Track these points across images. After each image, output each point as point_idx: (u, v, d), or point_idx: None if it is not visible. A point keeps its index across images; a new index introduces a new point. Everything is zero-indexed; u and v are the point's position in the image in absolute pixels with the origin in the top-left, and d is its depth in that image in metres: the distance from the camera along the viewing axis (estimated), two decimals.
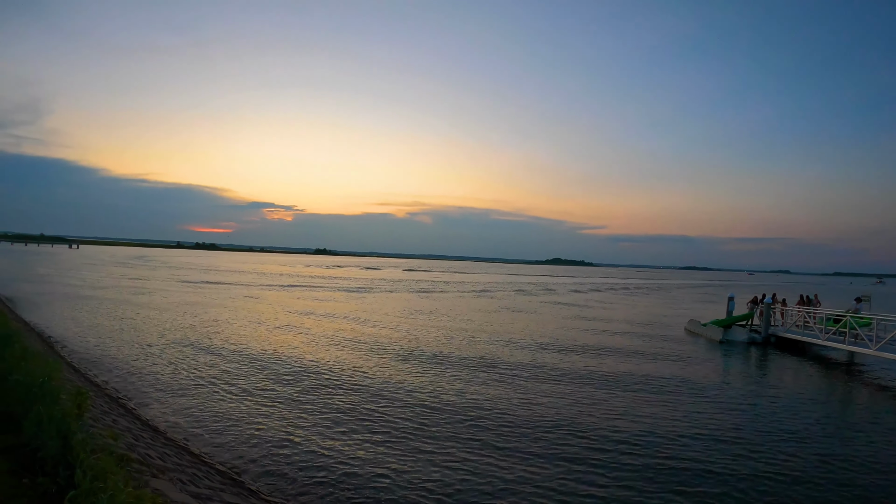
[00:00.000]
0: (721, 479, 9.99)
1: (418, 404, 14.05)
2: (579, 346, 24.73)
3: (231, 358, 18.75)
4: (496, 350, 22.57)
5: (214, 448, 10.25)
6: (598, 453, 11.05)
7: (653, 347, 25.48)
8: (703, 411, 14.59)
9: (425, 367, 18.59)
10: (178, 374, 16.20)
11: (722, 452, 11.44)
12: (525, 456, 10.73)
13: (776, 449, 11.81)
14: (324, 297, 46.59)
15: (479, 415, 13.32)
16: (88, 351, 18.68)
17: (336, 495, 8.52)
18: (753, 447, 11.87)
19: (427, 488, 8.98)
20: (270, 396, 14.19)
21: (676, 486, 9.64)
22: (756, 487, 9.71)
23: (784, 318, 29.18)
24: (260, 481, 8.79)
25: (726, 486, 9.68)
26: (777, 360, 23.86)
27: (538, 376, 17.90)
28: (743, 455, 11.34)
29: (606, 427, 12.79)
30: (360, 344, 22.77)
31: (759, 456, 11.30)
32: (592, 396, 15.69)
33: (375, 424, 12.26)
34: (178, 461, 7.56)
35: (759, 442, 12.25)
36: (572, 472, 10.03)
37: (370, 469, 9.64)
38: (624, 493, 9.24)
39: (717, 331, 29.02)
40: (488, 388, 16.05)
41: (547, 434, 12.10)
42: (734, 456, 11.28)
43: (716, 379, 19.01)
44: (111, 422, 8.45)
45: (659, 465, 10.64)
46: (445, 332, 27.24)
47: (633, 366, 20.46)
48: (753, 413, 14.79)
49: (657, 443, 11.88)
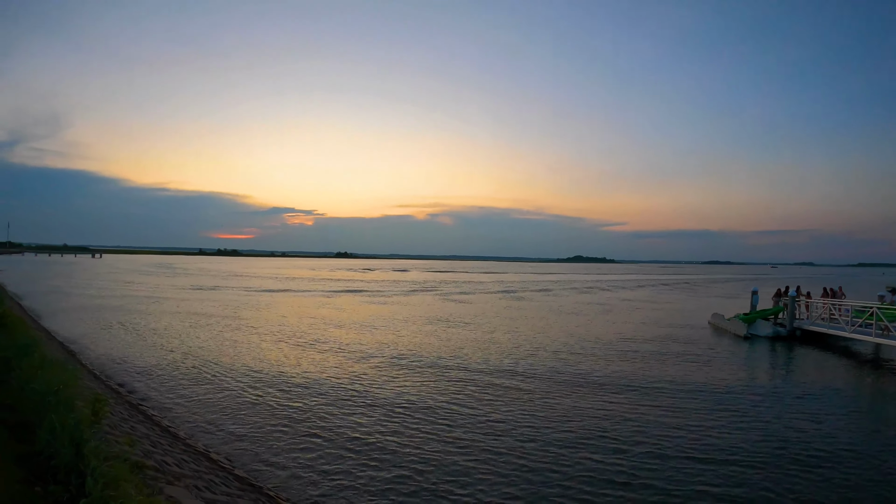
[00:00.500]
0: (749, 476, 9.72)
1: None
2: (604, 343, 24.45)
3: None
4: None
5: (235, 454, 10.19)
6: (632, 446, 10.87)
7: (676, 343, 25.09)
8: (728, 407, 14.27)
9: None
10: (201, 380, 16.19)
11: (749, 448, 11.16)
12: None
13: (805, 444, 11.49)
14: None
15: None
16: (110, 358, 18.80)
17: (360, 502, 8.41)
18: (780, 442, 11.58)
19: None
20: (298, 404, 14.14)
21: (701, 484, 9.40)
22: (783, 483, 9.45)
23: (809, 311, 28.66)
24: (280, 486, 8.70)
25: (755, 484, 9.42)
26: (803, 353, 23.41)
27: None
28: (769, 451, 11.06)
29: (630, 424, 12.57)
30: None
31: (786, 452, 11.01)
32: (618, 391, 15.50)
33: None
34: (196, 467, 7.48)
35: (786, 437, 11.93)
36: (593, 465, 9.84)
37: (396, 475, 9.52)
38: (648, 483, 9.04)
39: (741, 325, 28.53)
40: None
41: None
42: (760, 451, 11.00)
43: (741, 374, 18.66)
44: (129, 428, 8.40)
45: (681, 458, 10.46)
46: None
47: (656, 361, 20.18)
48: (779, 408, 14.43)
49: (681, 437, 11.66)
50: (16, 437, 6.38)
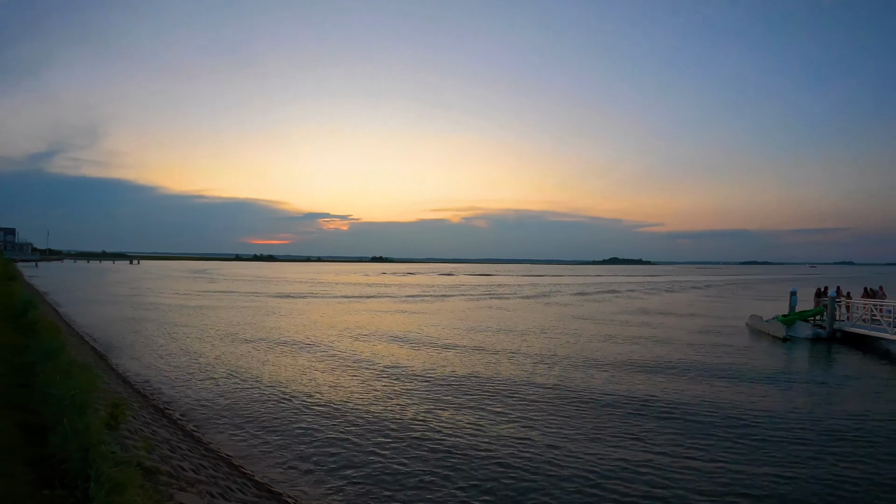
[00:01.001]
0: (786, 481, 9.33)
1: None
2: (639, 343, 23.98)
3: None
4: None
5: (257, 459, 10.12)
6: (657, 445, 10.52)
7: (714, 345, 24.50)
8: (767, 410, 13.78)
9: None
10: (232, 384, 16.23)
11: (788, 453, 10.74)
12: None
13: (844, 449, 11.00)
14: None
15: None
16: (142, 362, 19.01)
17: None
18: (820, 447, 11.12)
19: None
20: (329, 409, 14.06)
21: (743, 488, 9.06)
22: (824, 490, 9.02)
23: (850, 312, 27.74)
24: (301, 493, 8.57)
25: (792, 488, 9.03)
26: (843, 356, 22.61)
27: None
28: (809, 456, 10.63)
29: (669, 420, 12.20)
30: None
31: (827, 457, 10.55)
32: (656, 393, 15.11)
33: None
34: (214, 473, 7.37)
35: (825, 442, 11.43)
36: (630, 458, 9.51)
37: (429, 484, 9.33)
38: (690, 484, 8.70)
39: (779, 327, 27.73)
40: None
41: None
42: (799, 456, 10.57)
43: (779, 376, 18.05)
44: (150, 433, 8.35)
45: (719, 458, 10.11)
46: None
47: (695, 364, 19.68)
48: (819, 412, 13.87)
49: (718, 438, 11.32)
50: (33, 441, 6.37)
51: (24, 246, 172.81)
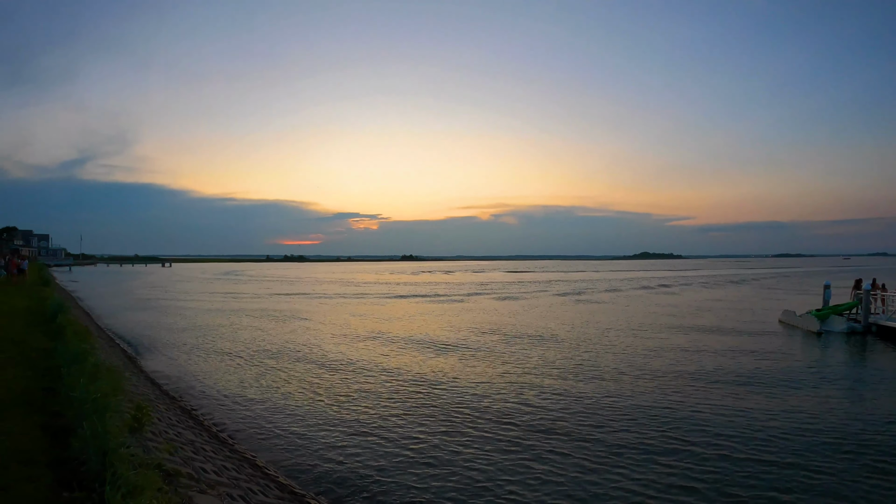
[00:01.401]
0: (820, 479, 9.11)
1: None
2: (670, 341, 23.58)
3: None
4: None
5: (283, 462, 10.09)
6: (689, 446, 10.28)
7: (747, 341, 24.02)
8: (798, 408, 13.41)
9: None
10: (263, 384, 16.33)
11: (821, 450, 10.48)
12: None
13: (878, 447, 10.66)
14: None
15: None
16: (172, 363, 19.24)
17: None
18: (852, 443, 10.84)
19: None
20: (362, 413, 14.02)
21: (771, 485, 8.87)
22: (857, 487, 8.78)
23: (885, 306, 26.98)
24: (325, 496, 8.52)
25: (825, 486, 8.84)
26: (879, 351, 21.99)
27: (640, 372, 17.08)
28: (841, 452, 10.38)
29: (701, 420, 11.93)
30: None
31: (859, 454, 10.26)
32: (688, 392, 14.87)
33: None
34: (237, 475, 7.34)
35: (860, 440, 11.10)
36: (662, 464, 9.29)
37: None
38: (718, 486, 8.47)
39: (813, 321, 27.08)
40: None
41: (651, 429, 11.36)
42: (833, 453, 10.31)
43: (813, 373, 17.58)
44: (175, 435, 8.35)
45: (751, 459, 9.94)
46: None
47: (727, 360, 19.30)
48: (852, 409, 13.48)
49: (749, 438, 11.07)
50: (56, 444, 6.40)
51: (57, 251, 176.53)
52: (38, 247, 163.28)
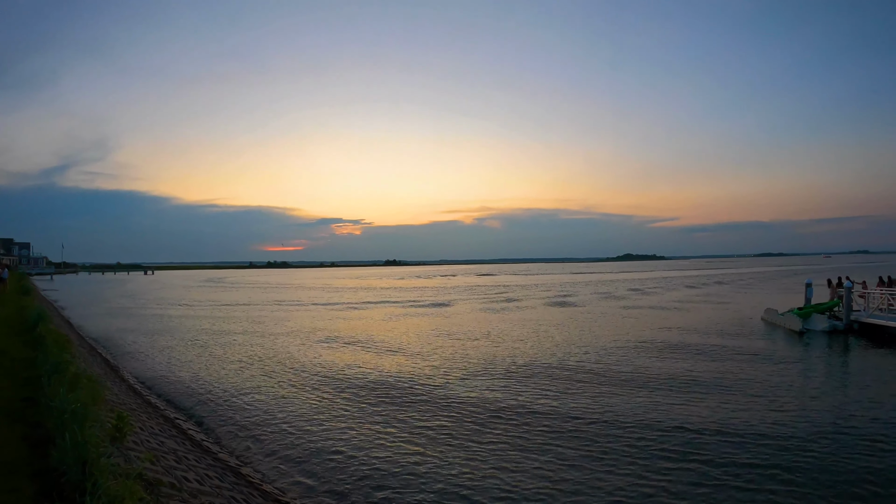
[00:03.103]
0: (797, 477, 9.23)
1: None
2: (653, 341, 23.73)
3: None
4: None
5: (267, 469, 10.06)
6: (671, 446, 10.37)
7: (729, 340, 24.23)
8: (779, 408, 13.56)
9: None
10: (246, 394, 16.20)
11: (799, 449, 10.59)
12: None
13: (855, 446, 10.78)
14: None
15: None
16: (154, 372, 19.08)
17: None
18: (832, 441, 10.99)
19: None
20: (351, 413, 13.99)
21: (747, 484, 9.00)
22: (836, 487, 8.88)
23: (867, 303, 27.28)
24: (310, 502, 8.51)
25: (801, 484, 8.95)
26: (860, 348, 22.21)
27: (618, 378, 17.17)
28: (818, 452, 10.47)
29: (681, 421, 12.02)
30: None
31: (836, 453, 10.40)
32: (668, 390, 14.98)
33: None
34: (219, 483, 7.30)
35: (837, 439, 11.22)
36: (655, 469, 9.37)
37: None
38: (692, 487, 8.54)
39: (795, 320, 27.35)
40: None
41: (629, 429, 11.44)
42: (810, 453, 10.41)
43: (795, 371, 17.81)
44: (157, 444, 8.30)
45: (728, 458, 10.08)
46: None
47: (709, 360, 19.48)
48: (832, 408, 13.59)
49: (729, 439, 11.13)
50: (37, 454, 6.35)
51: (38, 259, 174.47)
52: (19, 255, 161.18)
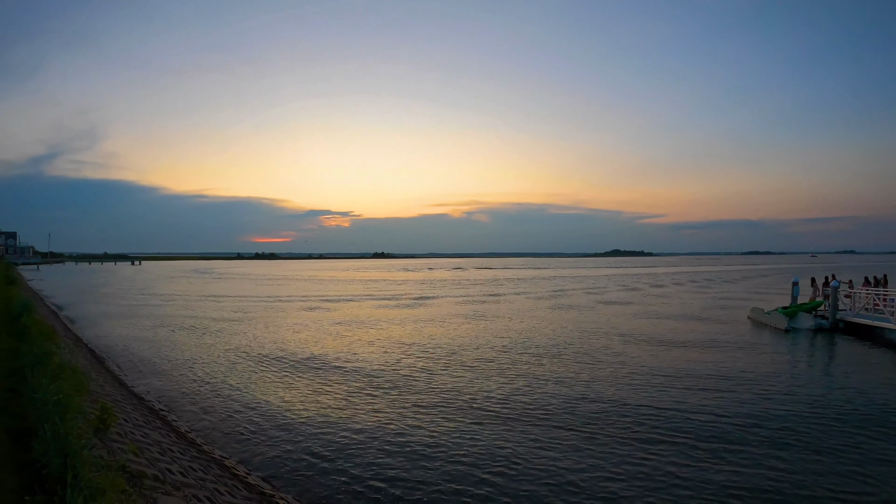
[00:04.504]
0: (783, 475, 9.31)
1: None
2: (640, 336, 23.83)
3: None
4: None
5: (253, 461, 10.05)
6: (649, 443, 10.44)
7: (715, 337, 24.38)
8: (763, 405, 13.68)
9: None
10: (231, 385, 16.14)
11: (782, 447, 10.71)
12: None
13: (836, 444, 10.91)
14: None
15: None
16: (139, 363, 18.95)
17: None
18: (813, 440, 11.09)
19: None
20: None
21: (733, 481, 9.05)
22: (816, 483, 9.00)
23: (853, 302, 27.53)
24: (294, 495, 8.49)
25: (786, 482, 9.02)
26: (846, 347, 22.47)
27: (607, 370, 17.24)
28: (802, 448, 10.64)
29: (667, 418, 12.11)
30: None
31: (819, 450, 10.53)
32: (653, 390, 15.02)
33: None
34: (203, 475, 7.27)
35: (819, 435, 11.38)
36: (643, 455, 9.42)
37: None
38: (682, 480, 8.61)
39: (781, 319, 27.58)
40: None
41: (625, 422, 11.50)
42: (793, 449, 10.55)
43: (781, 370, 17.94)
44: (141, 436, 8.25)
45: (711, 455, 10.15)
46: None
47: (694, 358, 19.56)
48: (816, 405, 13.72)
49: (711, 433, 11.26)
50: (21, 446, 6.29)
51: (25, 249, 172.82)
52: (6, 245, 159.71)
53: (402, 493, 8.65)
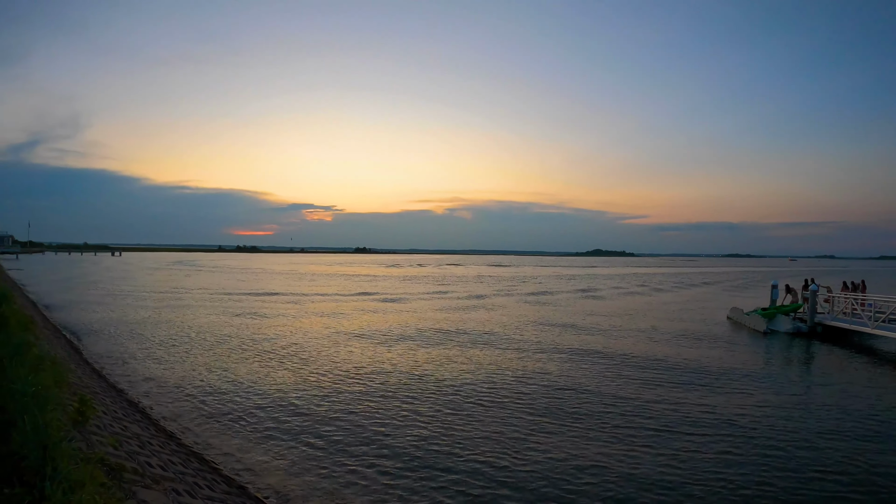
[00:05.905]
0: (755, 477, 9.46)
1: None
2: (617, 336, 24.03)
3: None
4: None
5: (229, 454, 10.03)
6: (637, 441, 10.56)
7: (693, 337, 24.70)
8: (739, 408, 13.89)
9: None
10: (211, 379, 16.08)
11: (756, 448, 10.89)
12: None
13: (810, 448, 11.07)
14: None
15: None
16: (119, 355, 18.77)
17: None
18: (789, 443, 11.27)
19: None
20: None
21: (704, 480, 9.16)
22: (797, 487, 9.13)
23: (831, 306, 27.94)
24: (270, 488, 8.51)
25: (759, 485, 9.16)
26: (822, 350, 22.84)
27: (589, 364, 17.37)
28: (776, 452, 10.79)
29: (642, 417, 12.25)
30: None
31: (793, 454, 10.71)
32: (632, 390, 15.16)
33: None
34: (183, 469, 7.27)
35: (795, 439, 11.56)
36: (611, 452, 9.53)
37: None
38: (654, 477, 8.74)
39: (759, 320, 27.95)
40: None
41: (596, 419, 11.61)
42: (766, 452, 10.71)
43: (758, 371, 18.22)
44: (121, 428, 8.22)
45: (684, 454, 10.26)
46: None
47: (672, 357, 19.80)
48: (792, 409, 13.94)
49: (686, 433, 11.39)
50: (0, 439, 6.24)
51: (4, 238, 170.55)
52: None
53: (388, 482, 8.72)
